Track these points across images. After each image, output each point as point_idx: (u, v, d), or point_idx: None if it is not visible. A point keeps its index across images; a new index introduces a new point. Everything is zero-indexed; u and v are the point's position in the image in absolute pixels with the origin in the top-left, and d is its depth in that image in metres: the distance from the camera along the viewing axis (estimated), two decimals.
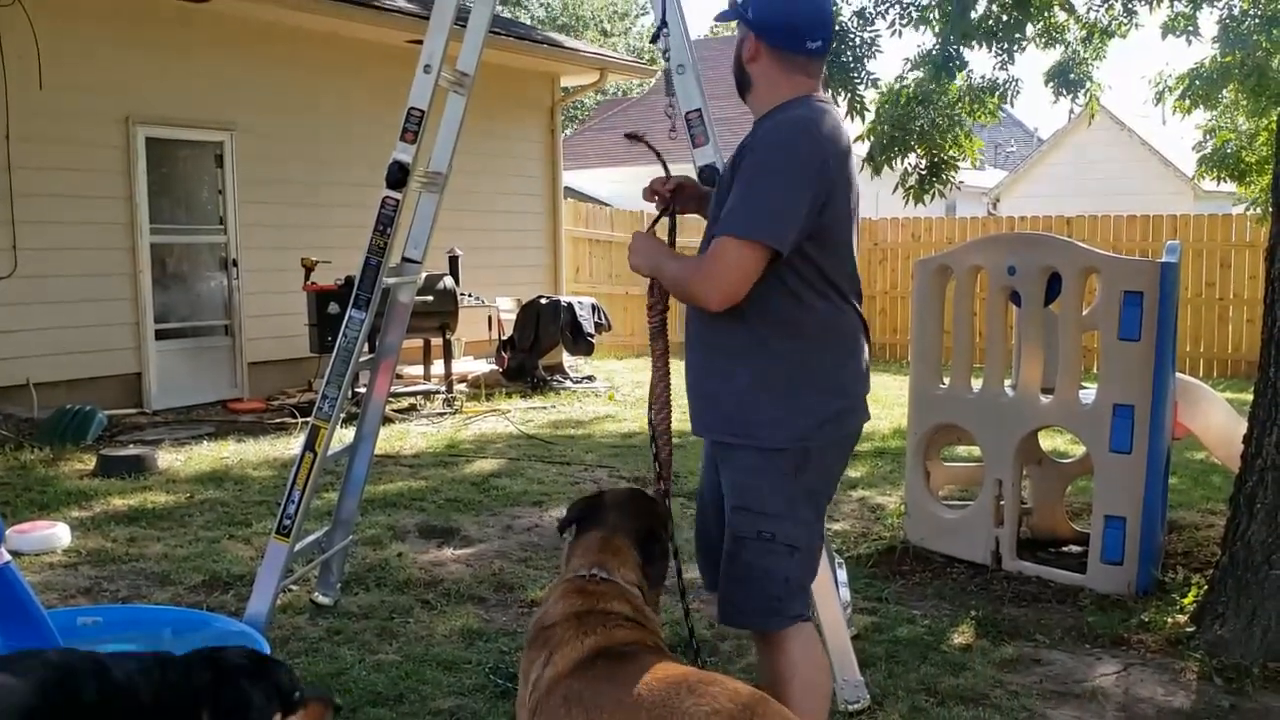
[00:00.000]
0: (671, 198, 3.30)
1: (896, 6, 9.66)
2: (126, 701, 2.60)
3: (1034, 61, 64.95)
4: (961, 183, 11.97)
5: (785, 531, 2.91)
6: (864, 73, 9.56)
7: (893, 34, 9.84)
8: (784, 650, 2.96)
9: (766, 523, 2.90)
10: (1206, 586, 4.58)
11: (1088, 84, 10.57)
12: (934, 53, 9.27)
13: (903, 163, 9.83)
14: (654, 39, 3.83)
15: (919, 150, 10.06)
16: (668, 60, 3.79)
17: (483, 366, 12.06)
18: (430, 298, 9.92)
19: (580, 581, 2.79)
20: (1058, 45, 10.40)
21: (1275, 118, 10.52)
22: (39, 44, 8.88)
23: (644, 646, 2.62)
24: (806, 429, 2.90)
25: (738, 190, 2.83)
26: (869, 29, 9.60)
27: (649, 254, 3.12)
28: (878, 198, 10.54)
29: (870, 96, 9.58)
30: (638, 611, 2.76)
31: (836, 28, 9.21)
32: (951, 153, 10.41)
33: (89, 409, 8.71)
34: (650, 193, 3.34)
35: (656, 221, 3.34)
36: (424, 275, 4.84)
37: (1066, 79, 10.42)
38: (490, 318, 12.36)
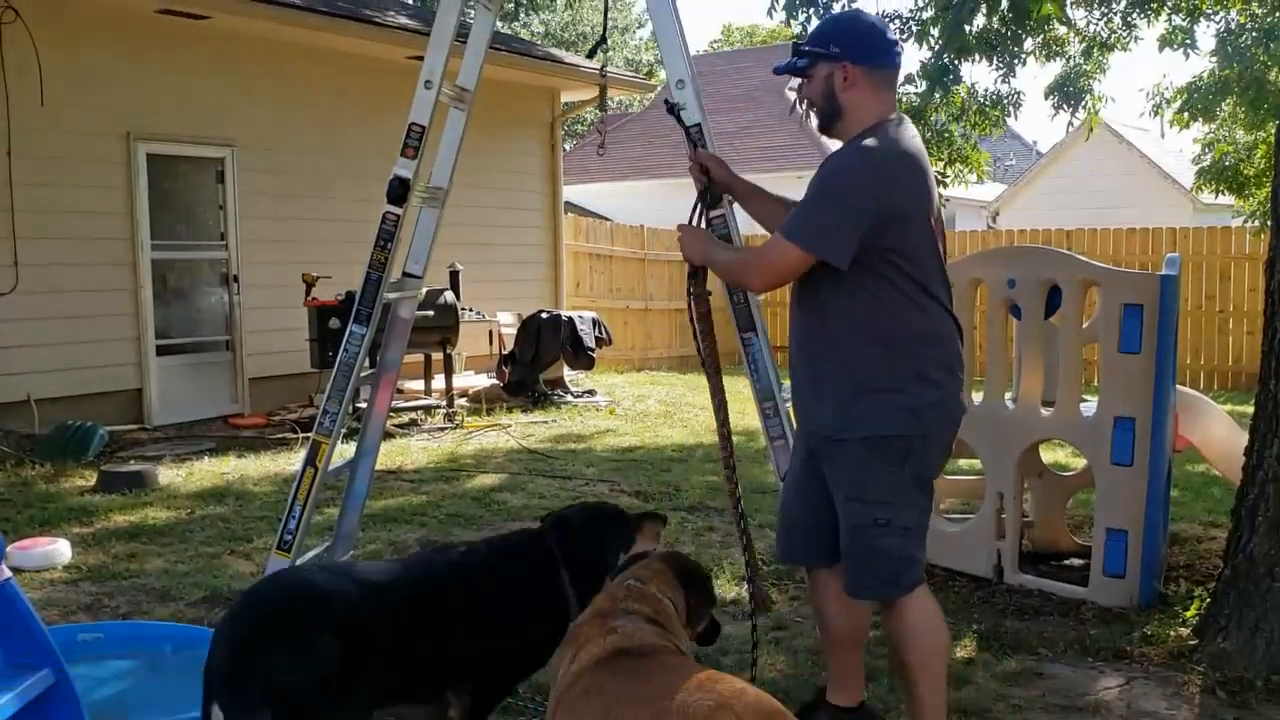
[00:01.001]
0: (707, 174, 3.64)
1: (897, 20, 9.70)
2: (512, 564, 3.30)
3: (1034, 75, 65.12)
4: (948, 200, 12.01)
5: (899, 515, 3.21)
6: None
7: None
8: (904, 615, 3.28)
9: (881, 510, 3.20)
10: (1209, 599, 4.57)
11: (1088, 98, 10.60)
12: (929, 65, 9.30)
13: None
14: (591, 54, 3.94)
15: None
16: (604, 76, 3.93)
17: (484, 381, 12.06)
18: (431, 312, 9.93)
19: (613, 589, 2.97)
20: (1058, 59, 10.44)
21: (1273, 130, 10.54)
22: (40, 60, 8.91)
23: (664, 649, 2.70)
24: (906, 421, 3.18)
25: (804, 198, 3.21)
26: None
27: (699, 244, 3.53)
28: None
29: None
30: (661, 615, 2.87)
31: (821, 22, 9.29)
32: (938, 166, 10.47)
33: (90, 425, 8.71)
34: (696, 168, 3.68)
35: (695, 208, 3.67)
36: (425, 290, 4.85)
37: (1067, 93, 10.45)
38: (491, 332, 12.38)
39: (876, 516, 3.20)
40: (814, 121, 3.48)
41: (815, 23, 9.30)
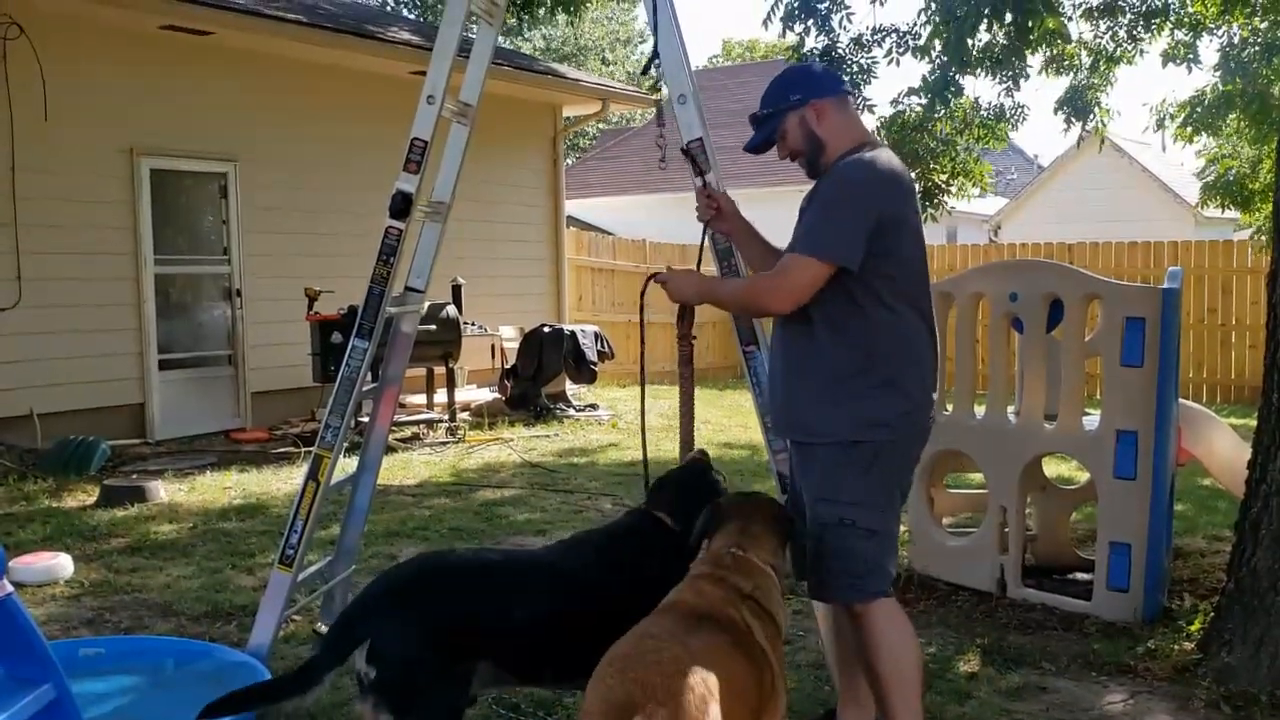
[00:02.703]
0: (716, 207, 3.73)
1: (894, 35, 9.72)
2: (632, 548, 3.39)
3: (1036, 88, 65.25)
4: (953, 208, 12.02)
5: (864, 517, 3.29)
6: (860, 98, 9.66)
7: (889, 62, 9.90)
8: (870, 622, 3.33)
9: (847, 510, 3.29)
10: (1213, 613, 4.55)
11: (1096, 110, 10.59)
12: (930, 79, 9.32)
13: None
14: (645, 70, 3.98)
15: (914, 175, 10.14)
16: (657, 89, 3.96)
17: (486, 395, 12.06)
18: (433, 326, 9.93)
19: (715, 555, 3.09)
20: (1065, 73, 10.43)
21: (1276, 144, 10.54)
22: (44, 75, 8.94)
23: (727, 622, 2.81)
24: (876, 427, 3.28)
25: (812, 215, 3.31)
26: (865, 55, 9.68)
27: (697, 285, 3.58)
28: None
29: (869, 123, 9.65)
30: (760, 590, 3.00)
31: (834, 54, 9.39)
32: (942, 178, 10.49)
33: (92, 439, 8.71)
34: (705, 201, 3.76)
35: (702, 247, 3.80)
36: (427, 304, 4.85)
37: (1076, 106, 10.44)
38: (493, 346, 12.38)
39: (843, 516, 3.29)
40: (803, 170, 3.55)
41: (813, 33, 9.35)
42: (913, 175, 10.26)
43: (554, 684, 3.43)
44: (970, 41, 8.74)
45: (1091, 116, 10.61)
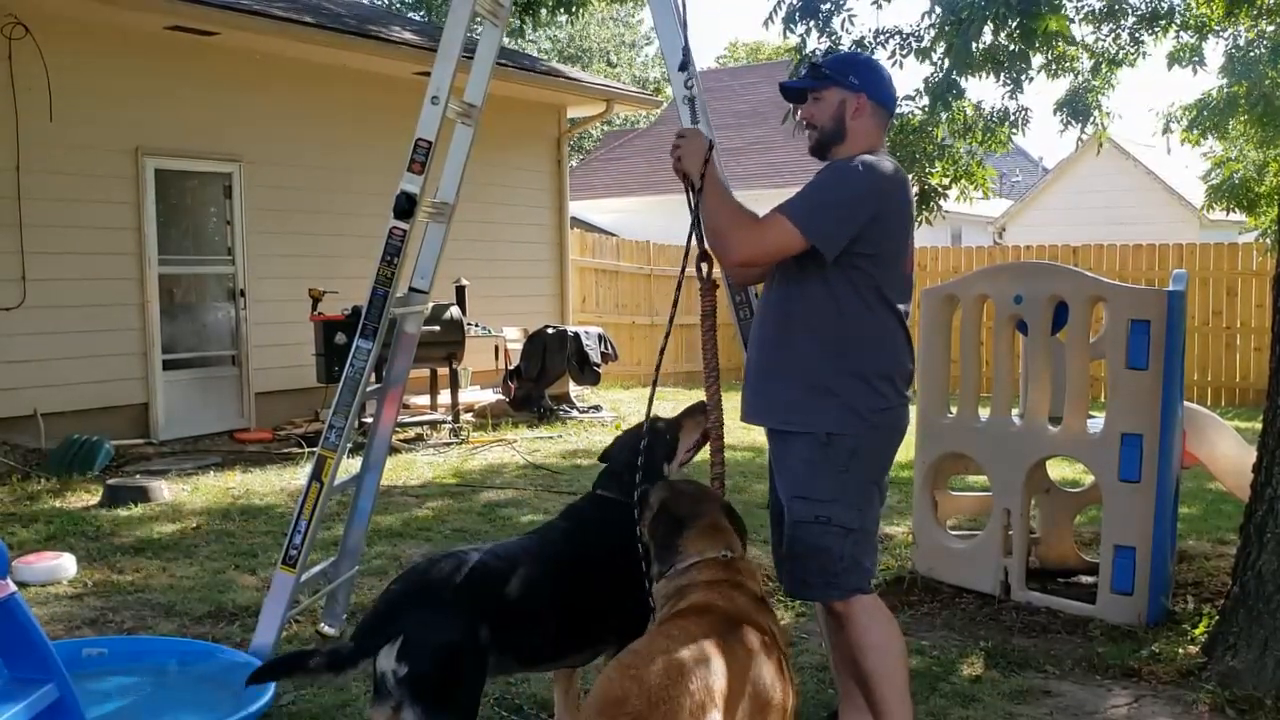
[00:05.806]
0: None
1: (897, 37, 9.71)
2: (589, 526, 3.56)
3: (1040, 90, 65.18)
4: (947, 213, 12.01)
5: (839, 515, 3.31)
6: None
7: (892, 64, 9.88)
8: (850, 619, 3.37)
9: (822, 508, 3.31)
10: (1218, 617, 4.55)
11: (1095, 114, 10.57)
12: (931, 82, 9.30)
13: None
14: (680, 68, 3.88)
15: (910, 178, 10.14)
16: (690, 89, 3.89)
17: (489, 396, 12.06)
18: (437, 327, 9.94)
19: (721, 559, 3.07)
20: (1066, 75, 10.41)
21: None
22: (49, 76, 8.95)
23: (749, 625, 2.81)
24: (853, 418, 3.30)
25: (807, 190, 3.32)
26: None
27: (702, 166, 3.40)
28: None
29: None
30: (766, 593, 3.05)
31: (835, 54, 9.40)
32: (944, 181, 10.49)
33: (96, 439, 8.71)
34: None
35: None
36: (431, 305, 4.85)
37: (1075, 109, 10.42)
38: (497, 347, 12.38)
39: (818, 514, 3.32)
40: (808, 141, 3.56)
41: (815, 34, 9.34)
42: (910, 178, 10.27)
43: (548, 665, 3.53)
44: (975, 45, 8.72)
45: (1091, 119, 10.60)
